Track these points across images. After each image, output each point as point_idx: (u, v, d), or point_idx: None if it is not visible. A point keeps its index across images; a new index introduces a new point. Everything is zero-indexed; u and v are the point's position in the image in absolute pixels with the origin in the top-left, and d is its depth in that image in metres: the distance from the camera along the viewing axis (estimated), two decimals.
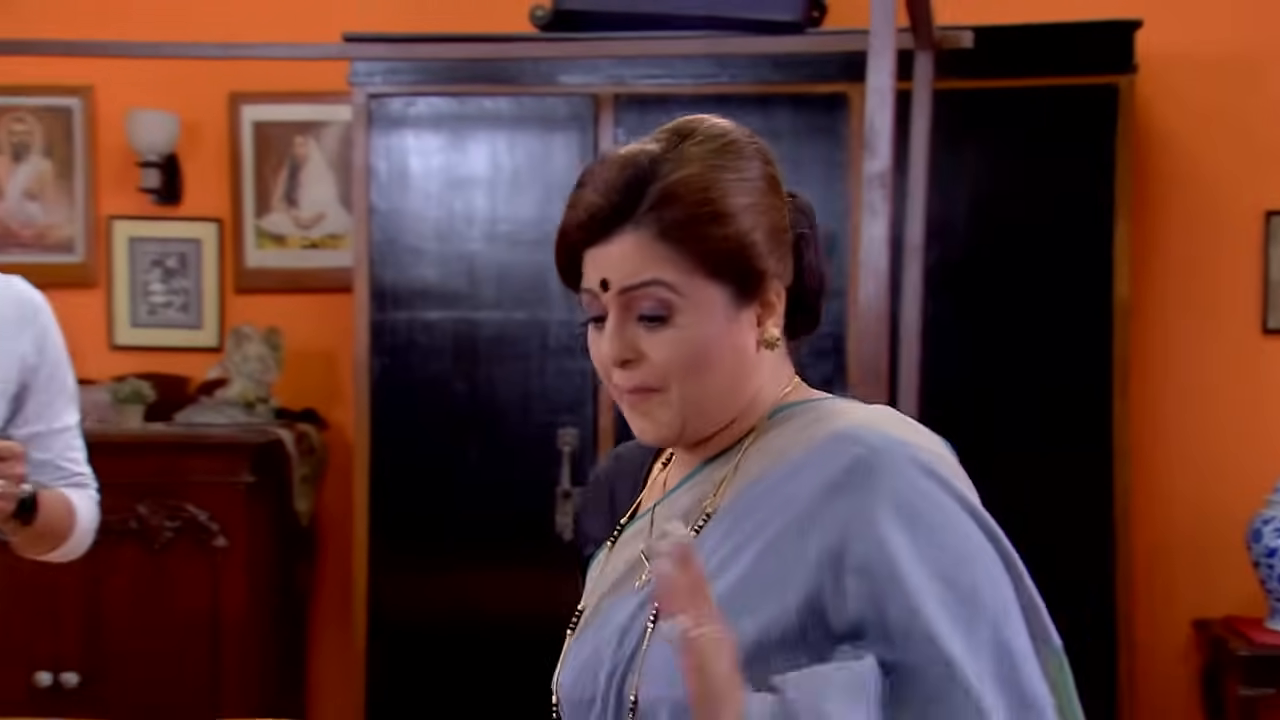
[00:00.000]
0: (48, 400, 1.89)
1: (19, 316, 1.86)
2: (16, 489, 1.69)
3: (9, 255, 3.87)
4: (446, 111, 3.42)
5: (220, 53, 3.06)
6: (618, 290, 1.12)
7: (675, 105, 3.33)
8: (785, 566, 1.08)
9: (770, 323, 1.17)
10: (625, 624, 1.15)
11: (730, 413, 1.17)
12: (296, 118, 3.98)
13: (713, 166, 1.13)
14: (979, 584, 1.06)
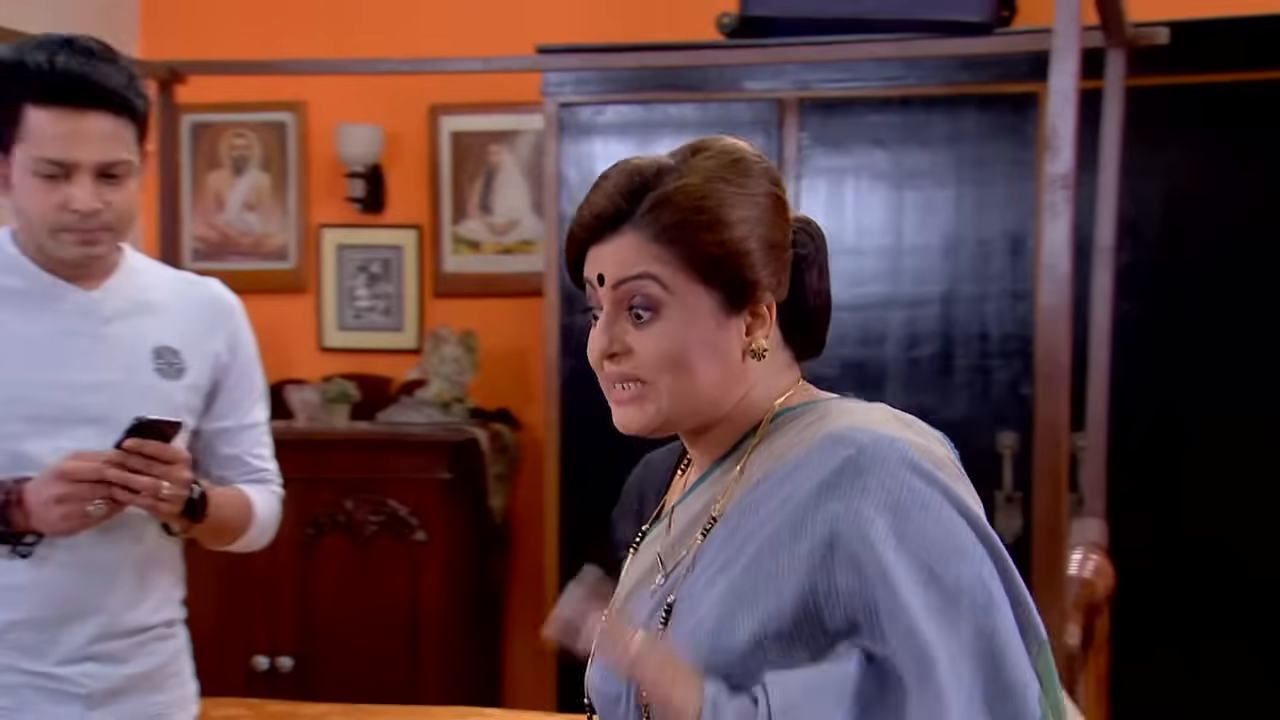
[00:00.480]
0: (238, 398, 1.97)
1: (213, 317, 1.95)
2: (183, 491, 1.76)
3: (229, 262, 4.13)
4: (633, 119, 3.50)
5: (421, 68, 3.21)
6: (612, 284, 1.17)
7: (860, 108, 3.35)
8: (780, 565, 1.11)
9: (759, 333, 1.19)
10: (641, 624, 1.20)
11: (715, 412, 1.20)
12: (491, 127, 4.13)
13: (715, 179, 1.17)
14: (963, 577, 1.08)
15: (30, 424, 1.76)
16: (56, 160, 1.71)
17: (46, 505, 1.69)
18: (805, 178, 3.38)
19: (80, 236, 1.75)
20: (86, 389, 1.79)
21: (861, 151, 3.36)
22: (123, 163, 1.74)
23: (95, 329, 1.82)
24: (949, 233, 3.32)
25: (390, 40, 4.02)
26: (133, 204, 1.79)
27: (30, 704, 1.77)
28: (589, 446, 3.51)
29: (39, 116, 1.70)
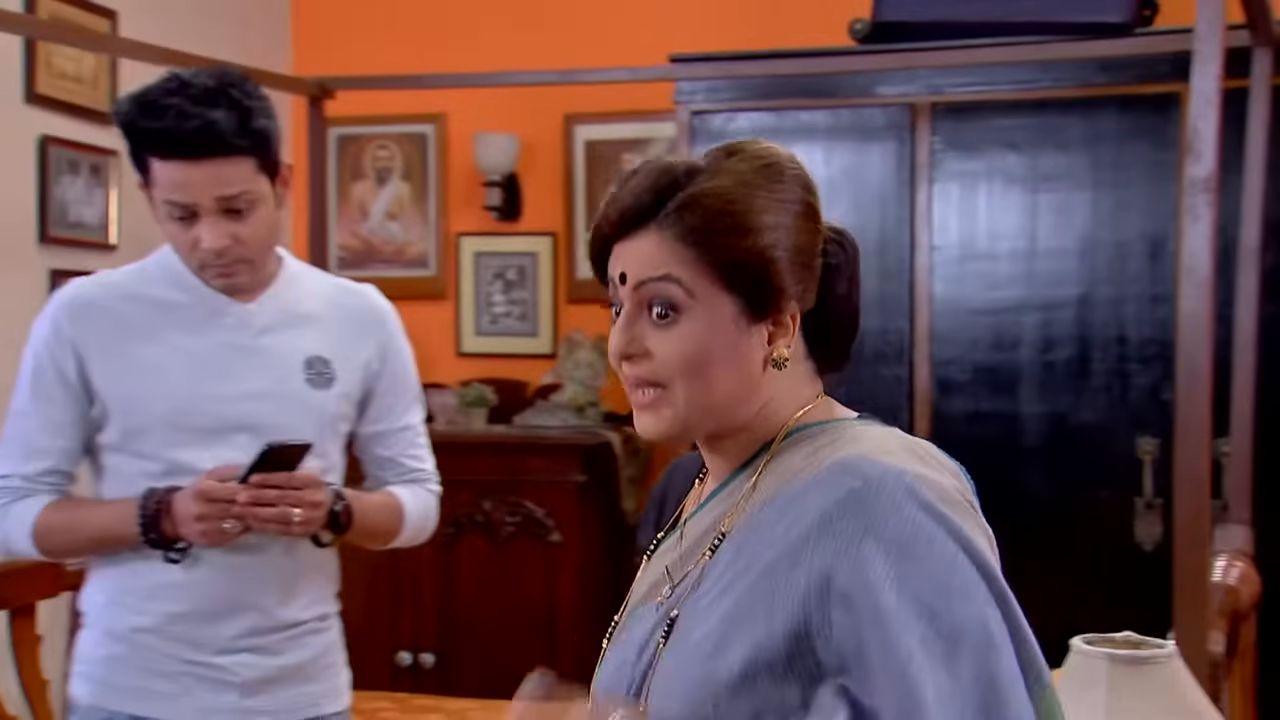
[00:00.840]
0: (390, 403, 2.04)
1: (363, 325, 2.01)
2: (315, 513, 1.84)
3: (372, 270, 4.28)
4: (765, 125, 3.52)
5: (558, 79, 3.28)
6: (634, 284, 1.14)
7: (994, 111, 3.33)
8: (776, 594, 1.08)
9: (781, 343, 1.16)
10: (644, 638, 1.18)
11: (733, 420, 1.17)
12: (624, 135, 4.20)
13: (745, 183, 1.14)
14: (964, 617, 1.03)
15: (188, 433, 1.85)
16: (180, 203, 1.79)
17: (187, 520, 1.79)
18: (938, 182, 3.37)
19: (217, 270, 1.84)
20: (241, 399, 1.86)
21: (995, 155, 3.34)
22: (243, 195, 1.80)
23: (250, 341, 1.90)
24: (1085, 235, 3.28)
25: (525, 51, 4.11)
26: (264, 231, 1.85)
27: (191, 690, 1.86)
28: None
29: (159, 166, 1.78)
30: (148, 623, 1.85)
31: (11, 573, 2.47)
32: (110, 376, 1.86)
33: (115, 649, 1.87)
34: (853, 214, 3.42)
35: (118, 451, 1.88)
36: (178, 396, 1.85)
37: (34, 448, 1.88)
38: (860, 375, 3.40)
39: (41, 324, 1.90)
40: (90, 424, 1.89)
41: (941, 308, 3.37)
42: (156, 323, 1.88)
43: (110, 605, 1.89)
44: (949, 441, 3.74)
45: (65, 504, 1.88)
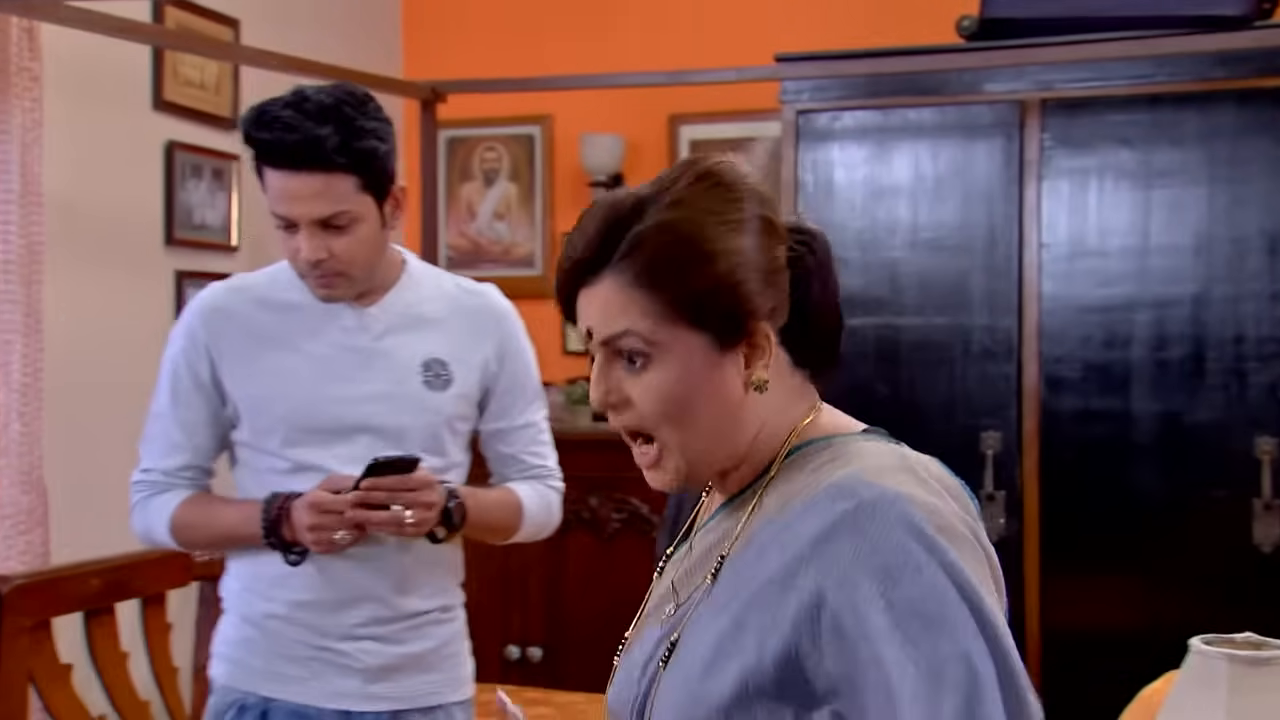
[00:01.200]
0: (509, 401, 2.08)
1: (482, 325, 2.05)
2: (428, 514, 1.88)
3: (480, 270, 4.36)
4: (870, 124, 3.52)
5: (666, 80, 3.31)
6: (599, 340, 1.12)
7: (1106, 107, 3.28)
8: (768, 619, 1.06)
9: (759, 365, 1.12)
10: (648, 655, 1.16)
11: (733, 455, 1.15)
12: (729, 135, 4.22)
13: (697, 210, 1.09)
14: (948, 653, 1.00)
15: (310, 434, 1.92)
16: (281, 215, 1.86)
17: (301, 529, 1.86)
18: (1047, 179, 3.33)
19: (317, 281, 1.89)
20: (360, 401, 1.93)
21: (1107, 151, 3.29)
22: (341, 214, 1.84)
23: (369, 344, 1.95)
24: (1201, 232, 3.22)
25: (630, 52, 4.16)
26: (362, 249, 1.88)
27: (319, 674, 1.94)
28: None
29: (269, 175, 1.85)
30: (277, 609, 1.93)
31: (142, 563, 2.58)
32: (239, 378, 1.94)
33: (248, 633, 1.96)
34: (959, 212, 3.40)
35: (248, 448, 1.97)
36: (299, 399, 1.91)
37: (172, 445, 1.97)
38: (967, 373, 3.39)
39: (178, 329, 1.99)
40: (224, 423, 1.97)
41: (1050, 305, 3.33)
42: (283, 326, 1.95)
43: (244, 592, 1.98)
44: (1058, 440, 3.72)
45: (200, 500, 1.98)
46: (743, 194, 1.12)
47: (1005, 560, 3.50)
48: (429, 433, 1.95)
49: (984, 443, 3.35)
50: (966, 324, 3.39)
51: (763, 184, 1.14)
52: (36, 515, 2.86)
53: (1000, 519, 3.32)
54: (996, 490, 3.33)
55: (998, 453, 3.34)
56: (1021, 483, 3.32)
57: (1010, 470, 3.33)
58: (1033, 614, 3.29)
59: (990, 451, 3.34)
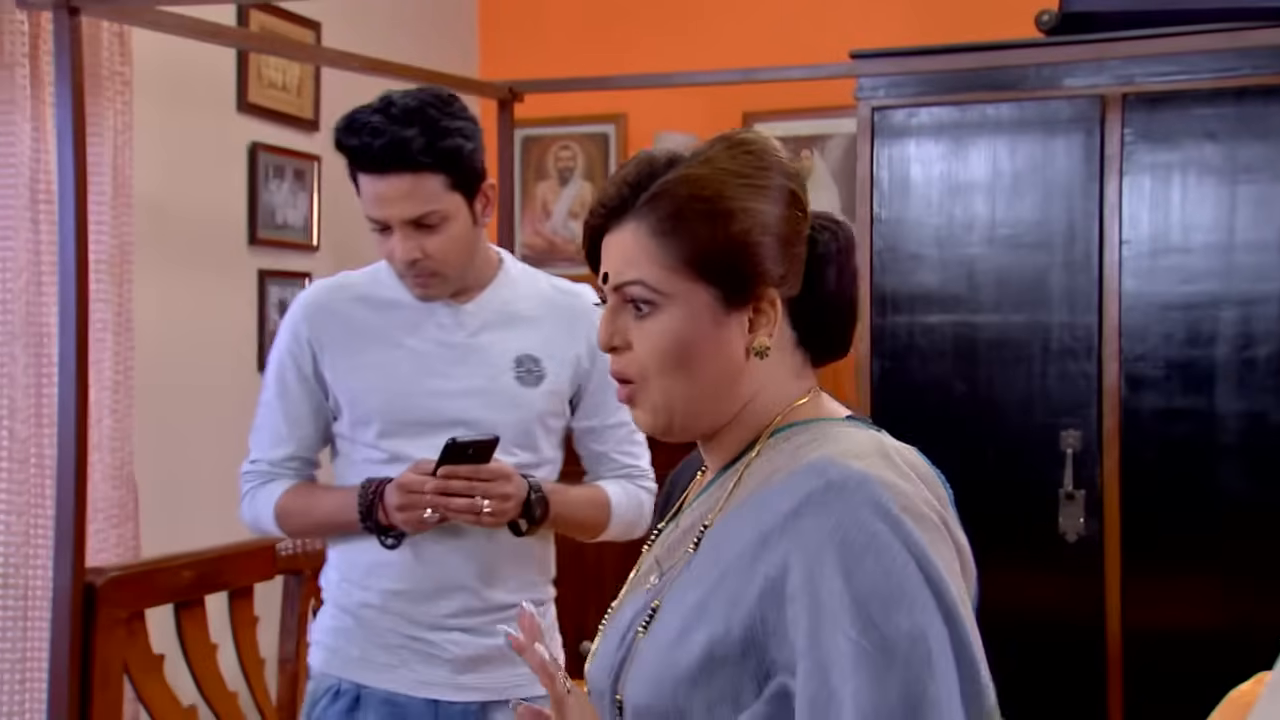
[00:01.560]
0: (601, 400, 2.09)
1: (575, 324, 2.07)
2: (505, 505, 1.90)
3: (554, 268, 4.36)
4: (948, 120, 3.49)
5: (740, 77, 3.31)
6: (612, 285, 1.16)
7: (1189, 101, 3.24)
8: (736, 589, 1.08)
9: (763, 331, 1.15)
10: (628, 625, 1.18)
11: (721, 414, 1.17)
12: (803, 132, 4.21)
13: (724, 170, 1.13)
14: (901, 630, 1.01)
15: (405, 426, 1.97)
16: (374, 219, 1.91)
17: (392, 509, 1.91)
18: (1129, 174, 3.29)
19: (413, 281, 1.95)
20: (454, 395, 1.97)
21: (1190, 146, 3.24)
22: (432, 213, 1.88)
23: (464, 340, 2.00)
24: None
25: (704, 50, 4.16)
26: (454, 247, 1.93)
27: (409, 663, 1.98)
28: None
29: (362, 180, 1.91)
30: (370, 598, 1.98)
31: (231, 555, 2.64)
32: (340, 372, 1.99)
33: (344, 622, 2.01)
34: (1038, 208, 3.37)
35: (347, 440, 2.03)
36: (395, 392, 1.97)
37: (278, 436, 2.04)
38: (1046, 371, 3.35)
39: (284, 325, 2.05)
40: (326, 415, 2.03)
41: (1131, 303, 3.29)
42: (383, 322, 2.00)
43: (341, 582, 2.03)
44: (1139, 439, 3.67)
45: (302, 489, 2.04)
46: (769, 163, 1.15)
47: (1085, 560, 3.50)
48: (521, 428, 1.99)
49: (1063, 441, 3.32)
50: (1045, 321, 3.36)
51: (793, 161, 1.18)
52: (127, 510, 2.93)
53: (1080, 518, 3.28)
54: (1076, 489, 3.29)
55: (1077, 451, 3.30)
56: (1102, 482, 3.28)
57: (1090, 469, 3.29)
58: (1114, 614, 3.25)
59: (1070, 450, 3.31)
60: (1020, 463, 3.37)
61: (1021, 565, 3.35)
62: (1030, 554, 3.34)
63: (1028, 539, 3.35)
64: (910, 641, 1.01)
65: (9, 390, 2.73)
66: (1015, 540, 3.37)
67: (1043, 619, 3.33)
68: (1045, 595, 3.33)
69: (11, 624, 2.67)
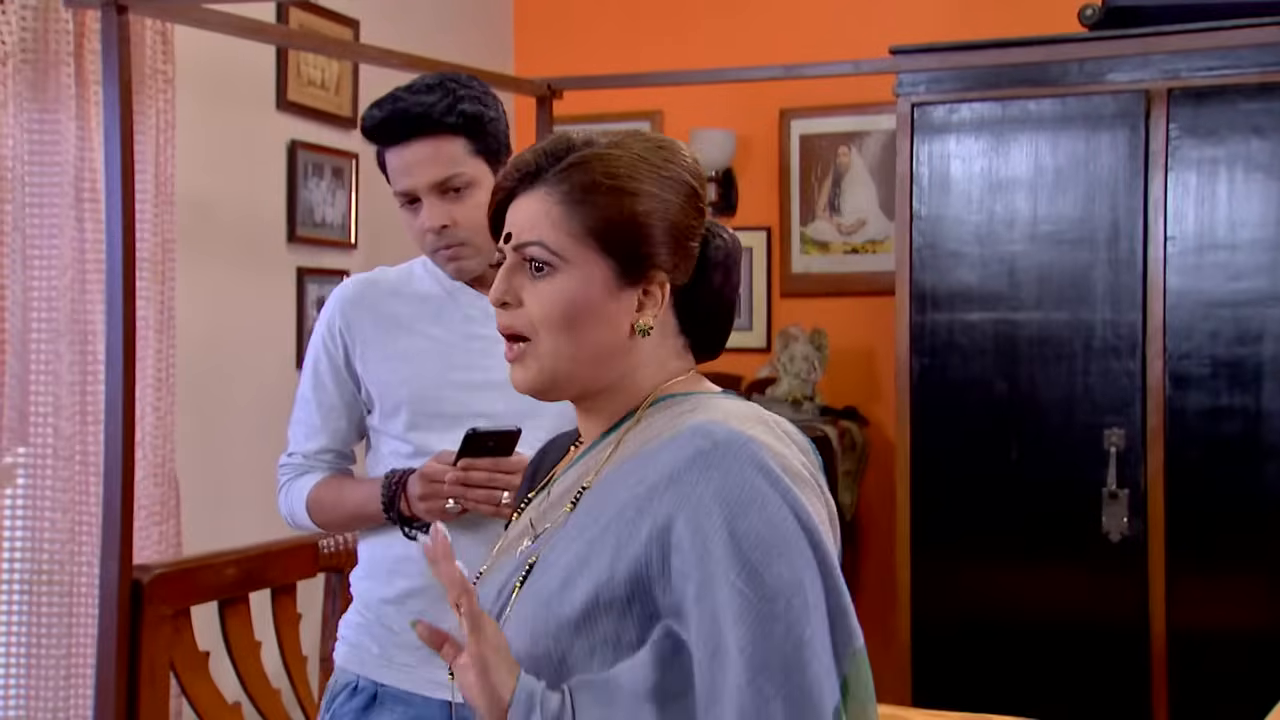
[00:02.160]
0: None
1: None
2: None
3: None
4: (989, 116, 3.46)
5: (783, 73, 3.29)
6: (513, 245, 1.23)
7: (1236, 96, 3.20)
8: (621, 539, 1.15)
9: (649, 312, 1.23)
10: (503, 582, 1.25)
11: (597, 381, 1.24)
12: (840, 129, 4.19)
13: (636, 156, 1.22)
14: (783, 579, 1.10)
15: (432, 419, 1.95)
16: (402, 191, 1.90)
17: (414, 500, 1.90)
18: (1174, 170, 3.25)
19: (445, 255, 1.92)
20: (480, 388, 1.94)
21: (1237, 141, 3.21)
22: (457, 175, 1.88)
23: (492, 332, 1.97)
24: None
25: (738, 46, 4.14)
26: (481, 214, 1.88)
27: (426, 662, 1.94)
28: (939, 445, 3.50)
29: (388, 157, 1.91)
30: (391, 595, 1.96)
31: (274, 553, 2.64)
32: (371, 363, 1.98)
33: (367, 618, 2.00)
34: (1081, 205, 3.34)
35: (378, 433, 2.02)
36: (422, 383, 1.95)
37: (312, 429, 2.03)
38: (1089, 369, 3.33)
39: (320, 318, 2.05)
40: (360, 408, 2.03)
41: (1176, 300, 3.26)
42: (414, 315, 1.99)
43: (366, 579, 2.02)
44: (1184, 438, 3.63)
45: (333, 481, 2.03)
46: (677, 159, 1.24)
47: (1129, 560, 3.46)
48: (543, 421, 1.95)
49: (1107, 440, 3.29)
50: (1088, 319, 3.33)
51: (697, 164, 1.27)
52: (169, 507, 2.94)
53: (1124, 518, 3.25)
54: (1120, 489, 3.26)
55: (1121, 450, 3.27)
56: (1146, 481, 3.25)
57: (1134, 468, 3.26)
58: (1158, 615, 3.22)
59: (1113, 449, 3.28)
60: (1063, 462, 3.34)
61: (1064, 566, 3.33)
62: (1073, 554, 3.31)
63: (1070, 539, 3.32)
64: (790, 589, 1.10)
65: (53, 387, 2.74)
66: (1058, 540, 3.34)
67: (1086, 620, 3.30)
68: (1088, 596, 3.30)
69: (56, 620, 2.68)
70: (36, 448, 2.73)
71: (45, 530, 2.70)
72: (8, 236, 2.68)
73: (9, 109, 2.66)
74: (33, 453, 2.72)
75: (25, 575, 2.69)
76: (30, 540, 2.70)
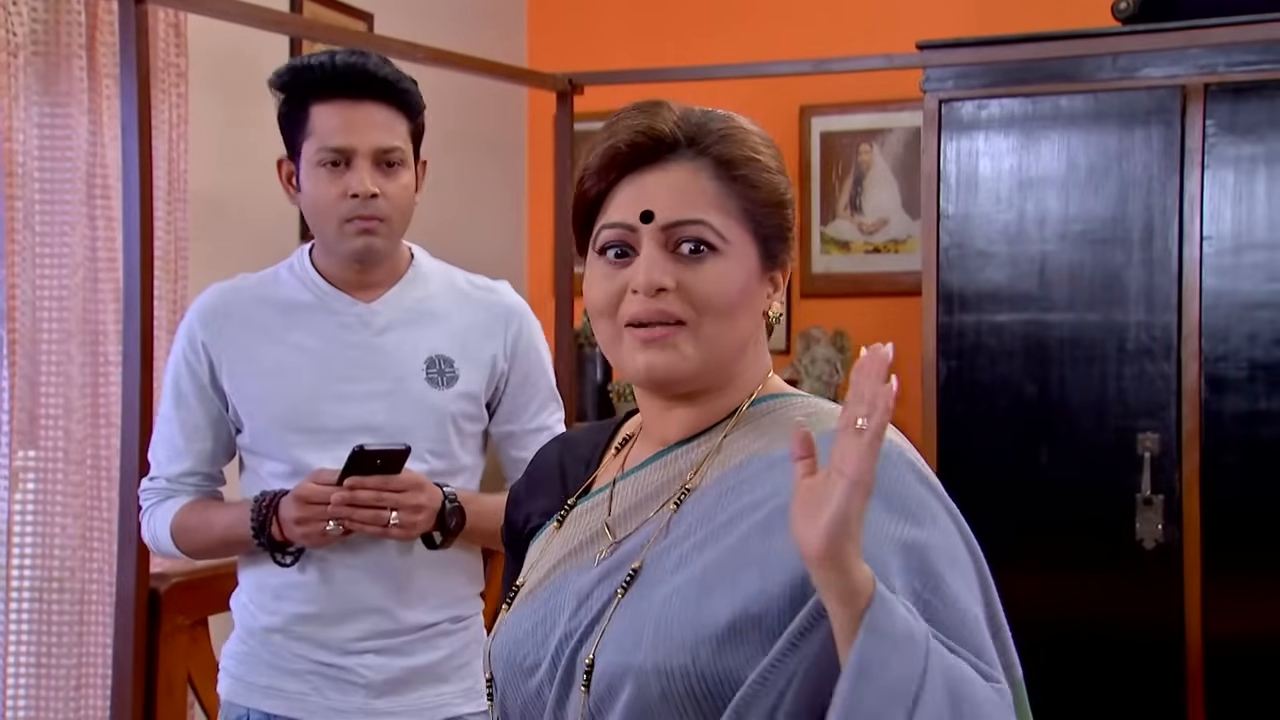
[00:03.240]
0: (522, 402, 1.96)
1: (491, 323, 1.94)
2: (414, 517, 1.79)
3: None
4: (1018, 113, 3.39)
5: (811, 68, 3.22)
6: (663, 224, 1.11)
7: (1276, 91, 3.14)
8: (770, 551, 1.06)
9: (777, 299, 1.18)
10: (585, 592, 1.14)
11: (731, 369, 1.16)
12: (861, 126, 4.12)
13: (765, 139, 1.18)
14: (957, 595, 1.06)
15: (308, 434, 1.85)
16: (337, 148, 1.81)
17: (290, 523, 1.79)
18: (1210, 168, 3.18)
19: (360, 225, 1.82)
20: (360, 399, 1.85)
21: (1276, 138, 3.13)
22: (396, 149, 1.83)
23: (369, 339, 1.88)
24: None
25: (757, 42, 4.07)
26: (407, 197, 1.86)
27: (320, 689, 1.86)
28: (967, 448, 3.43)
29: (320, 112, 1.82)
30: (277, 622, 1.87)
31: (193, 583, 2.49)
32: (237, 379, 1.88)
33: (250, 647, 1.90)
34: (1114, 203, 3.27)
35: (250, 452, 1.92)
36: (296, 397, 1.85)
37: (175, 451, 1.92)
38: (1122, 372, 3.25)
39: (180, 331, 1.95)
40: (228, 426, 1.92)
41: (1212, 301, 3.18)
42: (282, 324, 1.89)
43: (247, 605, 1.92)
44: (1221, 442, 3.55)
45: (198, 505, 1.92)
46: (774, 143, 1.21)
47: (1164, 567, 3.36)
48: (432, 433, 1.88)
49: (1141, 445, 3.22)
50: (1121, 321, 3.26)
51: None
52: None
53: (1158, 524, 3.18)
54: (1154, 494, 3.19)
55: (1155, 455, 3.20)
56: (1181, 487, 3.18)
57: (1169, 473, 3.19)
58: (1194, 624, 3.15)
59: (1147, 454, 3.21)
60: (1095, 467, 3.27)
61: (1097, 573, 3.25)
62: (1106, 561, 3.24)
63: (1103, 546, 3.25)
64: (967, 595, 1.07)
65: (64, 390, 2.66)
66: (1091, 547, 3.27)
67: (1120, 628, 3.22)
68: (1122, 604, 3.23)
69: (68, 628, 2.61)
70: (47, 451, 2.65)
71: (56, 536, 2.62)
72: (18, 234, 2.60)
73: (19, 103, 2.58)
74: (43, 456, 2.64)
75: (35, 582, 2.61)
76: (40, 546, 2.62)
